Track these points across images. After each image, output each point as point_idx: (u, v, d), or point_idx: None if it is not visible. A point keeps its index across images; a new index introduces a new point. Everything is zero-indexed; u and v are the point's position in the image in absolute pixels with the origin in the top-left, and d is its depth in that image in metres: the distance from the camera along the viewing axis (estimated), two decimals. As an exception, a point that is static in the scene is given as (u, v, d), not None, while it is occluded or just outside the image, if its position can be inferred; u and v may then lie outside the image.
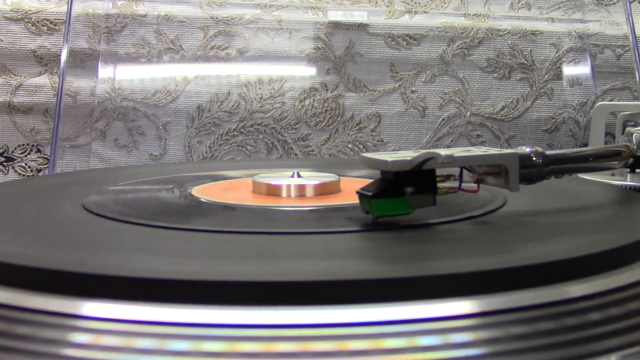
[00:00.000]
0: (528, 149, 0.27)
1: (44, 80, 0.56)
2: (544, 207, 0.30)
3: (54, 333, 0.18)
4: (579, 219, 0.27)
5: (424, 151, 0.25)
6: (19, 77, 0.56)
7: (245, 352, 0.17)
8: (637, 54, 0.58)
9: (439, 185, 0.26)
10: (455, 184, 0.27)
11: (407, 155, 0.25)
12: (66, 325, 0.18)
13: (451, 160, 0.25)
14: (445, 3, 0.60)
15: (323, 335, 0.17)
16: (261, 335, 0.17)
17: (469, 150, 0.27)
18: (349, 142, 0.59)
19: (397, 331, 0.17)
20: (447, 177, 0.26)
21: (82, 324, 0.18)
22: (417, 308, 0.18)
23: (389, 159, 0.25)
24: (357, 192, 0.26)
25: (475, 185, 0.27)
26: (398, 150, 0.59)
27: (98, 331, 0.17)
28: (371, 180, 0.26)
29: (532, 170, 0.27)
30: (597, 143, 0.50)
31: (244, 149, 0.58)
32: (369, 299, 0.18)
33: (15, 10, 0.55)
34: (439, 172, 0.26)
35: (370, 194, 0.25)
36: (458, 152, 0.26)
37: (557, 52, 0.60)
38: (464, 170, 0.27)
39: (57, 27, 0.55)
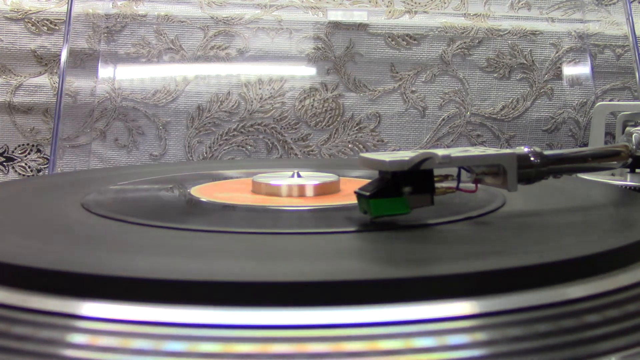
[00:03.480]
0: (526, 149, 0.27)
1: (44, 80, 0.56)
2: (543, 208, 0.30)
3: (53, 333, 0.18)
4: (579, 219, 0.27)
5: (421, 151, 0.25)
6: (19, 77, 0.56)
7: (243, 353, 0.17)
8: (637, 54, 0.58)
9: (437, 185, 0.26)
10: (453, 184, 0.27)
11: (405, 155, 0.25)
12: (65, 326, 0.18)
13: (448, 161, 0.25)
14: (445, 3, 0.60)
15: (323, 336, 0.17)
16: (261, 335, 0.17)
17: (466, 151, 0.27)
18: (349, 142, 0.59)
19: (397, 332, 0.17)
20: (445, 177, 0.26)
21: (82, 324, 0.18)
22: (417, 308, 0.18)
23: (387, 159, 0.25)
24: (355, 192, 0.26)
25: (474, 185, 0.27)
26: (398, 150, 0.59)
27: (97, 331, 0.17)
28: (370, 180, 0.26)
29: (530, 171, 0.27)
30: (597, 143, 0.50)
31: (244, 149, 0.58)
32: (369, 299, 0.18)
33: (15, 10, 0.55)
34: (437, 172, 0.26)
35: (368, 194, 0.25)
36: (456, 152, 0.26)
37: (557, 52, 0.60)
38: (462, 171, 0.27)
39: (57, 27, 0.55)
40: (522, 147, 0.27)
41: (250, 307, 0.18)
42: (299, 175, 0.34)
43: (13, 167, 0.57)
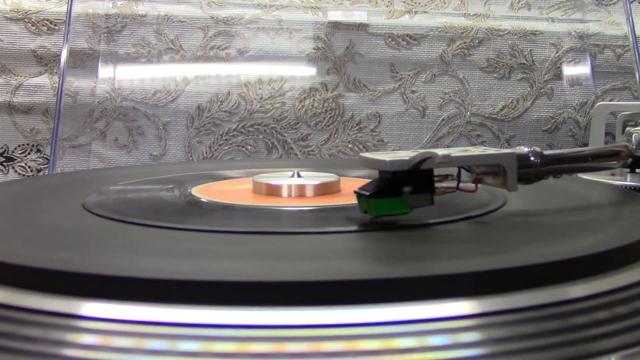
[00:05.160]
0: (526, 149, 0.27)
1: (44, 80, 0.56)
2: (544, 207, 0.30)
3: (53, 333, 0.18)
4: (579, 219, 0.27)
5: (421, 151, 0.25)
6: (19, 77, 0.56)
7: (254, 353, 0.17)
8: (637, 54, 0.58)
9: (437, 185, 0.26)
10: (453, 183, 0.27)
11: (405, 155, 0.25)
12: (66, 326, 0.18)
13: (448, 160, 0.25)
14: (445, 3, 0.60)
15: (322, 335, 0.17)
16: (259, 335, 0.17)
17: (466, 150, 0.27)
18: (349, 142, 0.59)
19: (396, 331, 0.17)
20: (445, 177, 0.26)
21: (82, 324, 0.18)
22: (416, 308, 0.18)
23: (387, 159, 0.25)
24: (355, 192, 0.26)
25: (473, 185, 0.27)
26: (398, 150, 0.59)
27: (97, 331, 0.17)
28: (370, 180, 0.26)
29: (530, 170, 0.27)
30: (597, 143, 0.50)
31: (244, 149, 0.58)
32: (368, 299, 0.18)
33: (15, 10, 0.55)
34: (437, 171, 0.26)
35: (368, 193, 0.25)
36: (456, 151, 0.26)
37: (557, 52, 0.60)
38: (462, 170, 0.27)
39: (57, 27, 0.55)
40: (522, 147, 0.27)
41: (251, 307, 0.18)
42: (299, 175, 0.34)
43: (13, 167, 0.57)
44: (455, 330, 0.17)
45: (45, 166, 0.57)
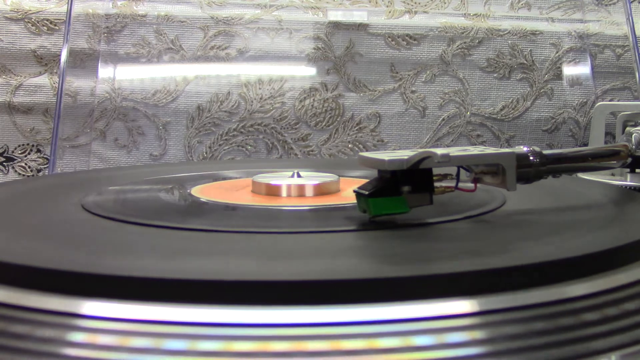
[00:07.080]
0: (525, 149, 0.27)
1: (44, 80, 0.56)
2: (543, 207, 0.30)
3: (53, 332, 0.18)
4: (578, 219, 0.27)
5: (421, 150, 0.25)
6: (19, 77, 0.56)
7: (242, 352, 0.17)
8: (637, 54, 0.58)
9: (436, 184, 0.26)
10: (452, 183, 0.27)
11: (404, 154, 0.25)
12: (65, 325, 0.18)
13: (447, 160, 0.25)
14: (445, 3, 0.60)
15: (321, 335, 0.17)
16: (260, 334, 0.17)
17: (466, 150, 0.27)
18: (349, 142, 0.59)
19: (395, 330, 0.17)
20: (444, 177, 0.26)
21: (82, 323, 0.18)
22: (415, 308, 0.18)
23: (386, 158, 0.25)
24: (355, 191, 0.26)
25: (473, 184, 0.27)
26: (397, 150, 0.59)
27: (97, 330, 0.18)
28: (369, 180, 0.26)
29: (529, 170, 0.27)
30: (597, 143, 0.50)
31: (244, 149, 0.58)
32: (367, 299, 0.18)
33: (15, 10, 0.55)
34: (436, 171, 0.26)
35: (367, 193, 0.25)
36: (455, 151, 0.26)
37: (557, 52, 0.60)
38: (461, 170, 0.27)
39: (57, 27, 0.55)
40: (521, 147, 0.27)
41: (250, 306, 0.18)
42: (299, 175, 0.34)
43: (13, 167, 0.57)
44: (444, 330, 0.17)
45: (45, 166, 0.57)
